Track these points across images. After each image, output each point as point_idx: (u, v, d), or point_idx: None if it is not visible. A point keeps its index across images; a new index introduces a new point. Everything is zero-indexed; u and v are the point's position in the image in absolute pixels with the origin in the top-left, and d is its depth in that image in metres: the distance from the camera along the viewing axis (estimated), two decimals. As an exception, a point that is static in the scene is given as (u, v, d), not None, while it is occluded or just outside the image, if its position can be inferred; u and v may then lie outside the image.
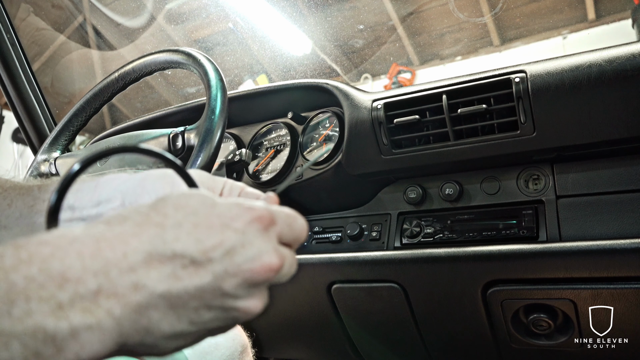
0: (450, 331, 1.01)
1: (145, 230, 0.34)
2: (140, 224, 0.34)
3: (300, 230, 0.42)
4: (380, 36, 5.03)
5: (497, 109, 0.87)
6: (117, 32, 3.46)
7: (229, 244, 0.35)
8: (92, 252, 0.31)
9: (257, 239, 0.37)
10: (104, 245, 0.32)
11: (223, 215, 0.36)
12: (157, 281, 0.33)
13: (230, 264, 0.35)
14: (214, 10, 3.97)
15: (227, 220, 0.36)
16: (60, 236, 0.32)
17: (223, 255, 0.35)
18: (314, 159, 0.60)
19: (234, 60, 4.26)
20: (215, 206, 0.37)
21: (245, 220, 0.37)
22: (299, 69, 4.22)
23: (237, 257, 0.35)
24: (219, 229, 0.36)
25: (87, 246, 0.32)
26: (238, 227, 0.36)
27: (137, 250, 0.33)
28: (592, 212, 0.83)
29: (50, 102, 1.60)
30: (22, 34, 1.55)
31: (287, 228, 0.41)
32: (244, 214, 0.37)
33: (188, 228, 0.35)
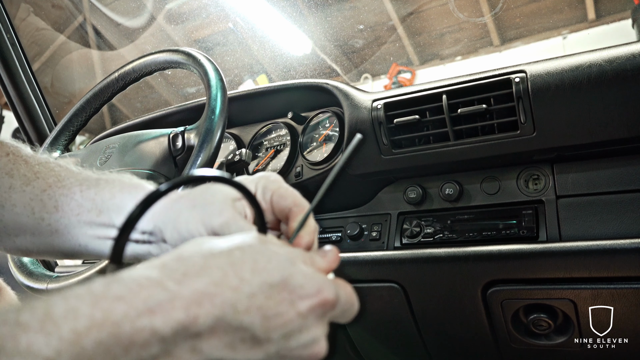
0: (450, 331, 1.01)
1: (220, 293, 0.32)
2: (217, 283, 0.33)
3: (351, 314, 0.41)
4: (380, 36, 5.03)
5: (497, 109, 0.87)
6: (117, 32, 3.46)
7: (290, 327, 0.35)
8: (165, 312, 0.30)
9: (315, 326, 0.37)
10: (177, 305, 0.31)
11: (294, 291, 0.36)
12: (215, 348, 0.33)
13: (285, 347, 0.35)
14: (214, 10, 3.97)
15: (297, 298, 0.36)
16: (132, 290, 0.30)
17: (281, 336, 0.35)
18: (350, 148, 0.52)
19: (234, 60, 4.26)
20: (291, 278, 0.36)
21: (312, 303, 0.36)
22: (299, 69, 4.22)
23: (293, 341, 0.36)
24: (285, 307, 0.35)
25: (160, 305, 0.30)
26: (303, 311, 0.36)
27: (209, 314, 0.32)
28: (592, 212, 0.83)
29: (50, 102, 1.60)
30: (22, 34, 1.55)
31: (340, 313, 0.40)
32: (313, 296, 0.36)
33: (260, 303, 0.34)
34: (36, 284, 0.82)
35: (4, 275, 1.21)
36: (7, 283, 1.19)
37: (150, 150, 0.88)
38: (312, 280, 0.37)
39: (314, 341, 0.37)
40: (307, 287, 0.36)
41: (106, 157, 0.91)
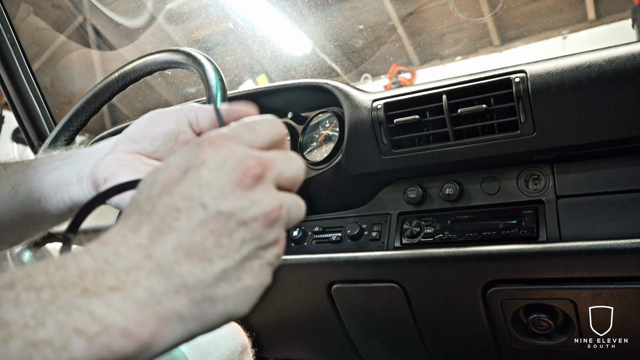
0: (450, 331, 1.01)
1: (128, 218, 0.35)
2: (123, 218, 0.35)
3: (270, 129, 0.40)
4: (380, 36, 5.03)
5: (497, 109, 0.87)
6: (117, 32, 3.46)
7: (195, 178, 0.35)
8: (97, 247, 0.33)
9: (219, 158, 0.35)
10: (105, 239, 0.33)
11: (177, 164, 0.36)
12: (163, 241, 0.33)
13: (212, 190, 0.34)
14: (214, 10, 3.97)
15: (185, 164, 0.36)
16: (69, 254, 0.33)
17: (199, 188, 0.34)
18: None
19: (234, 60, 4.26)
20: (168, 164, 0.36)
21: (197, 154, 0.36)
22: (299, 69, 4.22)
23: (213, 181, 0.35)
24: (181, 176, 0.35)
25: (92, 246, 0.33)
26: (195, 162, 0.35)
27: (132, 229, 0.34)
28: (592, 212, 0.83)
29: (50, 102, 1.60)
30: (22, 34, 1.55)
31: (250, 134, 0.38)
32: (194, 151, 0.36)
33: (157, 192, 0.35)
34: None
35: (4, 275, 1.21)
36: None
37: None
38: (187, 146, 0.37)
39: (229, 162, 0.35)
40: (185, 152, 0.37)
41: (106, 157, 0.91)
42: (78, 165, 0.52)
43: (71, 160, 0.53)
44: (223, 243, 0.34)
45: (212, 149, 0.36)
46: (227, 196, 0.34)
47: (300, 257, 1.07)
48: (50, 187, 0.52)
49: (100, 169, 0.48)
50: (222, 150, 0.36)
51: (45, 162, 0.54)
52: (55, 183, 0.52)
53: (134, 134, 0.50)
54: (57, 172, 0.52)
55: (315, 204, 1.11)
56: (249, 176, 0.35)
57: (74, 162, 0.52)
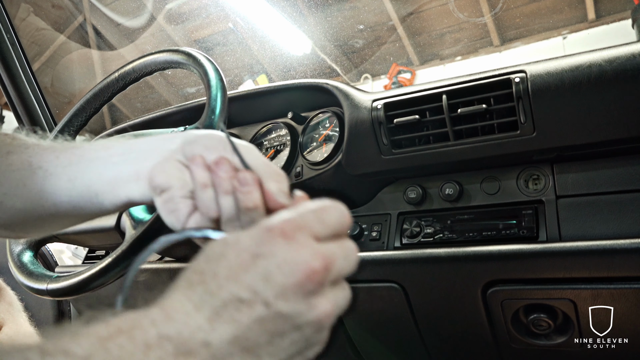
0: (450, 331, 1.01)
1: (193, 292, 0.36)
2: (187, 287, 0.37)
3: (337, 220, 0.41)
4: (380, 36, 5.03)
5: (497, 109, 0.87)
6: (117, 32, 3.46)
7: (264, 271, 0.36)
8: (163, 319, 0.35)
9: (289, 253, 0.37)
10: (170, 311, 0.35)
11: (248, 247, 0.37)
12: (222, 331, 0.35)
13: (275, 287, 0.36)
14: (214, 10, 3.97)
15: (254, 249, 0.37)
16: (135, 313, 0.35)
17: (264, 282, 0.36)
18: None
19: (234, 60, 4.26)
20: (239, 241, 0.38)
21: (269, 242, 0.37)
22: (299, 69, 4.22)
23: (278, 277, 0.36)
24: (250, 261, 0.37)
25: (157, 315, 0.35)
26: (265, 251, 0.37)
27: (196, 308, 0.36)
28: (592, 212, 0.83)
29: (50, 102, 1.60)
30: (22, 34, 1.55)
31: (319, 225, 0.40)
32: (266, 237, 0.37)
33: (225, 274, 0.36)
34: (36, 284, 0.82)
35: (4, 275, 1.21)
36: (7, 283, 1.19)
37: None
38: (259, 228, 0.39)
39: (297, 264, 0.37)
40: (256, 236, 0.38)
41: (106, 157, 0.91)
42: (138, 163, 0.52)
43: (130, 156, 0.53)
44: (275, 342, 0.36)
45: (283, 241, 0.37)
46: (289, 298, 0.36)
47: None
48: (108, 182, 0.53)
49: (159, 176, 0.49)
50: (292, 244, 0.37)
51: (101, 155, 0.54)
52: (113, 179, 0.52)
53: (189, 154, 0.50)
54: (116, 169, 0.53)
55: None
56: (313, 281, 0.37)
57: (134, 159, 0.52)
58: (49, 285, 0.79)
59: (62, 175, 0.54)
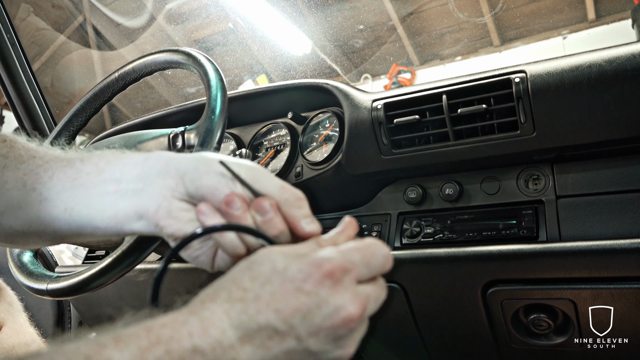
0: (450, 331, 1.01)
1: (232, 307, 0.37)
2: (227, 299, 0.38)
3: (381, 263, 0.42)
4: (380, 36, 5.03)
5: (497, 109, 0.87)
6: (117, 32, 3.46)
7: (304, 308, 0.37)
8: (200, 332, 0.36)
9: (332, 296, 0.38)
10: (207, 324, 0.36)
11: (294, 278, 0.38)
12: (251, 354, 0.36)
13: (311, 326, 0.37)
14: (214, 10, 3.97)
15: (299, 283, 0.38)
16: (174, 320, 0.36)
17: (302, 319, 0.37)
18: None
19: (234, 60, 4.26)
20: (287, 270, 0.39)
21: (315, 280, 0.38)
22: (299, 69, 4.22)
23: (316, 318, 0.37)
24: (293, 294, 0.38)
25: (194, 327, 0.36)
26: (310, 290, 0.38)
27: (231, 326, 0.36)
28: (592, 212, 0.83)
29: (50, 102, 1.60)
30: (22, 34, 1.55)
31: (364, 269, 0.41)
32: (314, 273, 0.38)
33: (266, 299, 0.37)
34: (36, 284, 0.82)
35: (4, 275, 1.21)
36: (7, 283, 1.19)
37: (150, 150, 0.88)
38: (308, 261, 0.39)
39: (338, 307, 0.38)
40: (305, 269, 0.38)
41: (106, 157, 0.91)
42: (135, 198, 0.49)
43: (127, 188, 0.50)
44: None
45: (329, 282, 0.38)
46: (321, 338, 0.37)
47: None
48: (110, 218, 0.50)
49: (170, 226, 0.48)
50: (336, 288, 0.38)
51: (94, 182, 0.51)
52: (114, 217, 0.50)
53: (189, 185, 0.48)
54: (115, 206, 0.50)
55: (315, 204, 1.11)
56: (347, 327, 0.38)
57: (131, 193, 0.50)
58: (49, 285, 0.79)
59: (57, 202, 0.52)
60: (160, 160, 0.50)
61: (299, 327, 0.37)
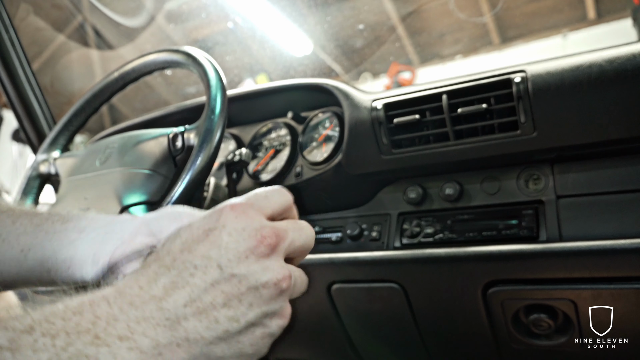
0: (450, 331, 1.01)
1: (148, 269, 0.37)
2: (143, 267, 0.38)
3: (281, 199, 0.43)
4: (380, 36, 5.03)
5: (497, 109, 0.87)
6: (117, 32, 3.45)
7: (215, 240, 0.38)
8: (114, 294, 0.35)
9: (240, 224, 0.39)
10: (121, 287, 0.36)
11: (200, 225, 0.39)
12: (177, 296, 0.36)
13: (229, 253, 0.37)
14: (214, 10, 3.97)
15: (205, 225, 0.39)
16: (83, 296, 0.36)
17: (217, 250, 0.38)
18: None
19: (234, 60, 4.26)
20: (192, 223, 0.40)
21: (217, 218, 0.39)
22: (299, 68, 4.22)
23: (231, 245, 0.38)
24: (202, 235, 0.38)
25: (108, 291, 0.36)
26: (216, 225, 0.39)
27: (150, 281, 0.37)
28: (593, 212, 0.83)
29: (50, 102, 1.60)
30: (22, 34, 1.54)
31: (265, 202, 0.42)
32: (215, 213, 0.39)
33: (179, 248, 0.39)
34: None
35: (4, 275, 1.21)
36: (7, 283, 1.19)
37: (149, 150, 0.88)
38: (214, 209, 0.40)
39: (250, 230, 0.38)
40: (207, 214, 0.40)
41: (106, 156, 0.91)
42: (95, 244, 0.50)
43: (88, 236, 0.51)
44: (232, 304, 0.36)
45: (233, 214, 0.39)
46: (242, 260, 0.37)
47: (300, 257, 1.07)
48: (64, 261, 0.50)
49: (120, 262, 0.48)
50: (242, 216, 0.39)
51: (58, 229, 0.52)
52: (69, 259, 0.50)
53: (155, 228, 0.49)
54: (72, 248, 0.50)
55: (315, 204, 1.11)
56: (264, 245, 0.38)
57: (92, 239, 0.50)
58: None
59: (15, 245, 0.52)
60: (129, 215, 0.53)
61: (217, 257, 0.37)
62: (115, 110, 4.92)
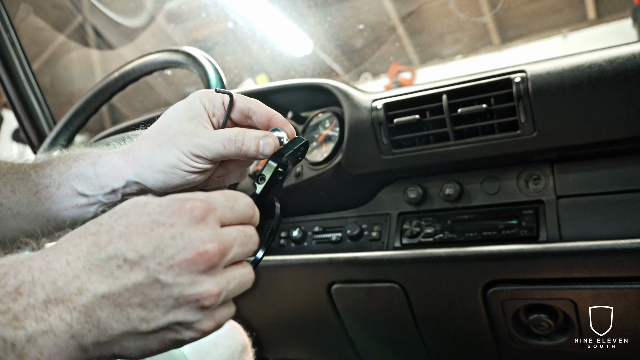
0: (450, 331, 1.01)
1: (83, 240, 0.37)
2: (80, 235, 0.37)
3: (244, 210, 0.42)
4: (380, 36, 5.02)
5: (497, 109, 0.87)
6: (117, 32, 3.45)
7: (158, 239, 0.36)
8: (41, 266, 0.35)
9: (189, 229, 0.37)
10: (50, 259, 0.36)
11: (152, 212, 0.37)
12: (98, 283, 0.35)
13: (162, 257, 0.36)
14: (214, 10, 3.97)
15: (156, 216, 0.37)
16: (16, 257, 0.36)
17: (153, 250, 0.36)
18: None
19: (234, 60, 4.26)
20: (146, 205, 0.38)
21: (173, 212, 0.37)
22: (299, 68, 4.22)
23: (168, 249, 0.36)
24: (148, 226, 0.37)
25: (36, 262, 0.35)
26: (165, 221, 0.37)
27: (78, 258, 0.36)
28: (593, 212, 0.83)
29: (50, 102, 1.60)
30: (22, 34, 1.54)
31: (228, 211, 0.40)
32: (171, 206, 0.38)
33: (120, 230, 0.37)
34: None
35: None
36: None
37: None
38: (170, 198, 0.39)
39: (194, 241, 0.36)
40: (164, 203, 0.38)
41: (106, 157, 0.91)
42: None
43: None
44: (147, 306, 0.36)
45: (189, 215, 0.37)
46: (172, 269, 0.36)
47: (301, 257, 1.07)
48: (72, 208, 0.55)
49: None
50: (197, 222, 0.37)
51: (58, 195, 0.56)
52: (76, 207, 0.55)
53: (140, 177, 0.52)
54: None
55: (315, 204, 1.11)
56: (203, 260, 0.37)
57: None
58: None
59: (25, 216, 0.55)
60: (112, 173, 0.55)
61: (150, 258, 0.36)
62: (115, 110, 4.92)
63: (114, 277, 0.35)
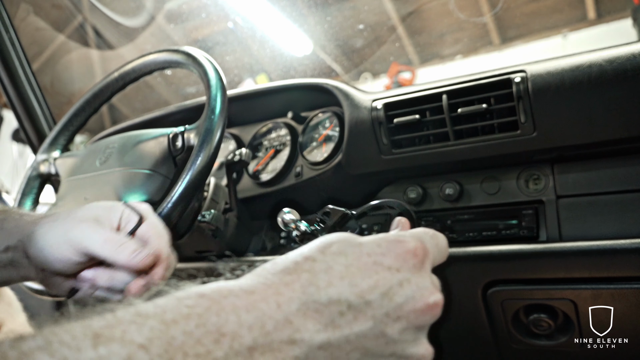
0: (450, 331, 1.01)
1: (296, 278, 0.31)
2: (290, 272, 0.32)
3: (445, 252, 0.39)
4: (380, 36, 5.03)
5: (497, 109, 0.87)
6: (117, 32, 3.46)
7: (385, 284, 0.32)
8: (247, 304, 0.29)
9: (414, 275, 0.33)
10: (257, 297, 0.30)
11: (373, 252, 0.33)
12: (315, 332, 0.30)
13: (391, 306, 0.32)
14: (214, 10, 3.97)
15: (378, 257, 0.33)
16: (216, 289, 0.30)
17: (381, 296, 0.32)
18: None
19: (234, 60, 4.26)
20: (363, 244, 0.34)
21: (397, 255, 0.33)
22: (299, 68, 4.22)
23: (397, 297, 0.32)
24: (372, 268, 0.32)
25: (241, 299, 0.29)
26: (391, 265, 0.33)
27: (291, 299, 0.30)
28: (593, 212, 0.83)
29: (50, 102, 1.60)
30: (22, 34, 1.54)
31: (438, 254, 0.37)
32: (395, 248, 0.34)
33: (339, 271, 0.32)
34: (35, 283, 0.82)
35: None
36: (7, 283, 1.19)
37: (150, 150, 0.88)
38: (386, 239, 0.35)
39: (422, 291, 0.33)
40: (384, 244, 0.34)
41: (106, 157, 0.91)
42: None
43: None
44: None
45: (414, 261, 0.34)
46: (400, 322, 0.32)
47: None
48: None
49: None
50: (419, 268, 0.34)
51: None
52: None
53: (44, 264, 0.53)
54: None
55: (315, 204, 1.10)
56: (431, 316, 0.34)
57: None
58: (49, 285, 0.79)
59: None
60: None
61: (378, 305, 0.31)
62: (115, 110, 4.93)
63: (334, 326, 0.30)
